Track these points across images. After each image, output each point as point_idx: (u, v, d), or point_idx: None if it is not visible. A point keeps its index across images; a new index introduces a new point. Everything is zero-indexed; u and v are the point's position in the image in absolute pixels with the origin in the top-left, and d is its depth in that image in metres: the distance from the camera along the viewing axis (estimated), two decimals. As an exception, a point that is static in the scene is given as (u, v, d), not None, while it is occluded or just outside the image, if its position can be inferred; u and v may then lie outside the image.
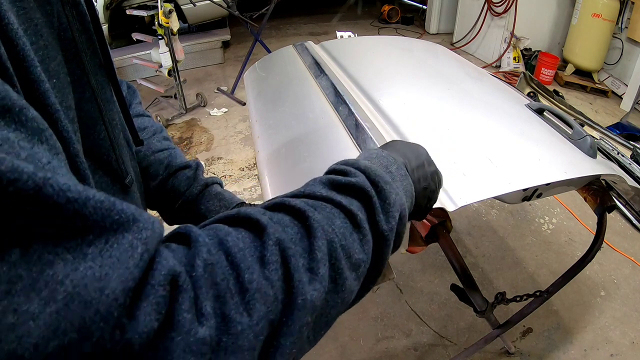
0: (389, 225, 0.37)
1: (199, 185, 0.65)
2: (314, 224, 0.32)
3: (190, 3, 3.64)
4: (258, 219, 0.31)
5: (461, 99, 1.02)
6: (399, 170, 0.43)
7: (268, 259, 0.29)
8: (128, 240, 0.22)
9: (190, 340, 0.23)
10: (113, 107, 0.46)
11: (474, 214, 2.23)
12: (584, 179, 1.05)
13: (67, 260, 0.20)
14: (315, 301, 0.30)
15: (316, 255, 0.31)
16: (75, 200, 0.21)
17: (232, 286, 0.27)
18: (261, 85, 1.30)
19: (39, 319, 0.18)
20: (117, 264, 0.21)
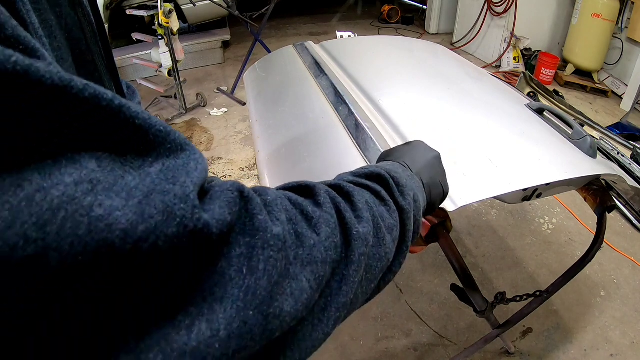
0: (407, 201, 0.42)
1: None
2: (350, 189, 0.37)
3: (190, 3, 3.64)
4: (306, 183, 0.36)
5: (461, 99, 1.02)
6: (405, 172, 0.48)
7: (322, 202, 0.33)
8: (183, 158, 0.24)
9: (268, 237, 0.26)
10: None
11: (474, 214, 2.23)
12: (584, 179, 1.05)
13: (135, 176, 0.22)
14: (367, 236, 0.34)
15: (358, 207, 0.36)
16: (141, 126, 0.23)
17: (298, 215, 0.31)
18: (261, 85, 1.30)
19: (125, 208, 0.20)
20: (180, 171, 0.23)
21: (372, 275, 0.36)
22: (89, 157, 0.20)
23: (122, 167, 0.21)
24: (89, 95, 0.20)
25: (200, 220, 0.22)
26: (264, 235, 0.26)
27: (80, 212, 0.18)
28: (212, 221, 0.23)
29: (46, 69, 0.19)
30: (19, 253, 0.17)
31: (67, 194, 0.18)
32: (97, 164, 0.20)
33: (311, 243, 0.29)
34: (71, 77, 0.20)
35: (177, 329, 0.22)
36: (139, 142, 0.23)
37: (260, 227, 0.26)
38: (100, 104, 0.21)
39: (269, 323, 0.25)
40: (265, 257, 0.25)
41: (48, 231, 0.17)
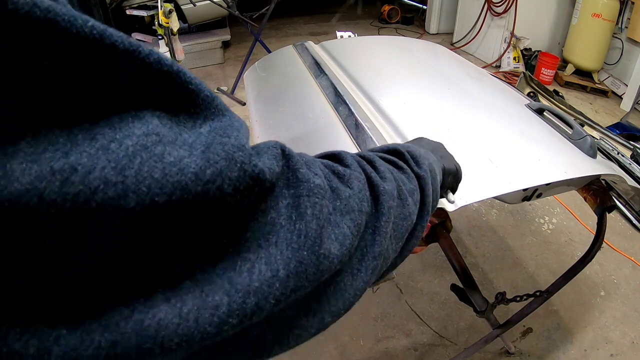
0: (422, 169, 0.44)
1: None
2: (371, 157, 0.40)
3: (190, 3, 3.64)
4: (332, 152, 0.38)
5: (461, 99, 1.02)
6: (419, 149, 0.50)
7: (349, 163, 0.36)
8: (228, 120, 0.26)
9: (311, 186, 0.28)
10: None
11: (474, 214, 2.23)
12: (584, 179, 1.05)
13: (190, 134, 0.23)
14: (392, 192, 0.37)
15: (381, 169, 0.38)
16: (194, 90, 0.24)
17: (331, 174, 0.33)
18: (261, 85, 1.30)
19: (191, 156, 0.21)
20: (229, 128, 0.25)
21: (398, 233, 0.38)
22: (151, 114, 0.22)
23: (178, 127, 0.23)
24: (153, 60, 0.22)
25: (257, 166, 0.24)
26: (308, 185, 0.28)
27: (154, 158, 0.20)
28: (265, 169, 0.25)
29: (118, 34, 0.20)
30: (99, 196, 0.18)
31: (139, 143, 0.20)
32: (158, 121, 0.22)
33: (346, 195, 0.31)
34: (138, 43, 0.22)
35: (239, 272, 0.24)
36: (191, 105, 0.24)
37: (304, 178, 0.28)
38: (162, 69, 0.22)
39: (321, 263, 0.27)
40: (312, 203, 0.27)
41: (127, 174, 0.19)
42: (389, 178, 0.38)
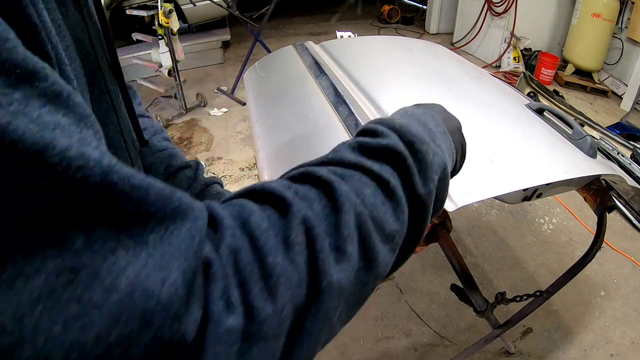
0: (427, 189, 0.34)
1: (199, 185, 0.65)
2: (341, 197, 0.30)
3: (190, 3, 3.64)
4: (284, 196, 0.29)
5: (461, 99, 1.02)
6: (438, 128, 0.40)
7: (293, 240, 0.27)
8: (187, 229, 0.22)
9: (220, 331, 0.23)
10: (121, 107, 0.47)
11: (474, 214, 2.23)
12: (584, 179, 1.05)
13: (129, 246, 0.20)
14: (343, 283, 0.28)
15: (343, 233, 0.29)
16: (139, 187, 0.21)
17: (255, 271, 0.26)
18: (261, 85, 1.30)
19: (102, 307, 0.18)
20: (177, 253, 0.21)
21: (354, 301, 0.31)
22: (77, 232, 0.19)
23: (117, 237, 0.20)
24: (73, 154, 0.18)
25: (177, 332, 0.21)
26: (217, 329, 0.23)
27: (57, 308, 0.17)
28: (189, 328, 0.21)
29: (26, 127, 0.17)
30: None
31: (47, 286, 0.17)
32: (85, 240, 0.19)
33: (262, 317, 0.25)
34: (53, 136, 0.18)
35: None
36: (137, 207, 0.21)
37: (214, 320, 0.23)
38: (87, 165, 0.19)
39: None
40: (215, 352, 0.23)
41: (25, 324, 0.17)
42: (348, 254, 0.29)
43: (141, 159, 0.63)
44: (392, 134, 0.35)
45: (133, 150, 0.50)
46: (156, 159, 0.66)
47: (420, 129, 0.37)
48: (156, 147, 0.67)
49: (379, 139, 0.34)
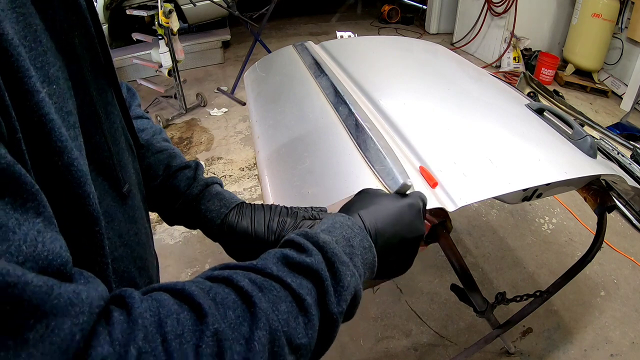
0: (340, 309, 0.37)
1: (199, 185, 0.65)
2: (258, 312, 0.32)
3: (190, 3, 3.64)
4: (201, 304, 0.30)
5: (461, 99, 1.02)
6: (363, 243, 0.43)
7: (203, 351, 0.28)
8: (68, 326, 0.22)
9: None
10: (114, 110, 0.46)
11: (474, 214, 2.23)
12: (584, 179, 1.05)
13: (9, 347, 0.19)
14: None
15: (254, 347, 0.30)
16: (14, 284, 0.20)
17: None
18: (261, 85, 1.30)
19: None
20: (57, 353, 0.21)
21: None
22: None
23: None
24: None
25: None
26: None
27: None
28: None
29: None
30: None
31: None
32: None
33: None
34: None
35: None
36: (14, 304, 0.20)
37: None
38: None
39: None
40: None
41: None
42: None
43: (140, 160, 0.63)
44: (316, 252, 0.38)
45: (128, 153, 0.49)
46: (155, 159, 0.66)
47: (342, 246, 0.41)
48: (155, 148, 0.67)
49: (303, 256, 0.37)
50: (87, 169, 0.32)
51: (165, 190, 0.65)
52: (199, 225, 0.64)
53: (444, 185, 0.71)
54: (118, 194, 0.43)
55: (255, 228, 0.60)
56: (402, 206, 0.51)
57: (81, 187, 0.31)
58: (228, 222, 0.61)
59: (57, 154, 0.29)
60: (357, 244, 0.43)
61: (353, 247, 0.42)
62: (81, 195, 0.31)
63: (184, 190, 0.65)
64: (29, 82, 0.27)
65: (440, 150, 0.79)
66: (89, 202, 0.32)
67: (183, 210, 0.64)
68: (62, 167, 0.29)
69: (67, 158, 0.30)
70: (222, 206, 0.63)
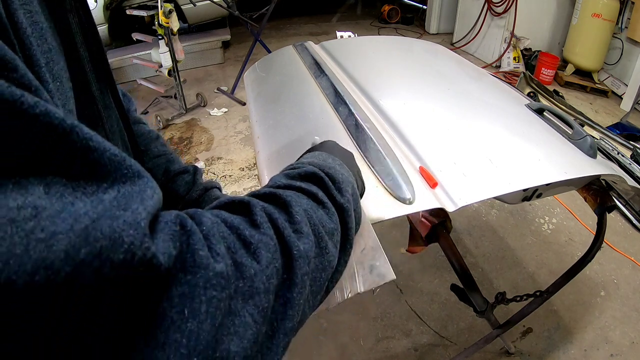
0: (345, 198, 0.42)
1: (198, 190, 0.65)
2: (288, 198, 0.36)
3: (190, 3, 3.64)
4: (241, 199, 0.34)
5: (461, 99, 1.02)
6: (335, 161, 0.48)
7: (259, 222, 0.31)
8: (139, 185, 0.24)
9: (210, 275, 0.24)
10: (112, 113, 0.47)
11: (474, 214, 2.23)
12: (584, 179, 1.05)
13: (86, 202, 0.21)
14: (309, 252, 0.33)
15: (297, 219, 0.34)
16: (95, 149, 0.22)
17: (236, 240, 0.29)
18: (261, 85, 1.30)
19: (69, 232, 0.19)
20: (136, 197, 0.23)
21: (317, 287, 0.35)
22: (37, 182, 0.20)
23: (73, 193, 0.21)
24: (39, 112, 0.19)
25: (149, 249, 0.21)
26: (206, 274, 0.24)
27: (20, 233, 0.18)
28: (160, 254, 0.22)
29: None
30: None
31: (8, 217, 0.18)
32: (44, 190, 0.20)
33: (252, 272, 0.28)
34: (22, 92, 0.19)
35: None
36: (93, 166, 0.22)
37: (202, 264, 0.24)
38: (52, 122, 0.20)
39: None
40: (208, 297, 0.24)
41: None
42: (305, 232, 0.34)
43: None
44: (307, 164, 0.44)
45: None
46: (153, 164, 0.66)
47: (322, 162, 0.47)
48: (153, 153, 0.67)
49: (298, 170, 0.43)
50: None
51: (164, 195, 0.65)
52: None
53: (444, 186, 0.71)
54: None
55: None
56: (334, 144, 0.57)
57: None
58: None
59: None
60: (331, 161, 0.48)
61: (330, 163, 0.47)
62: None
63: (183, 194, 0.64)
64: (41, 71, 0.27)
65: (440, 150, 0.79)
66: None
67: None
68: None
69: None
70: None
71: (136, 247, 0.21)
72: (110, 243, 0.20)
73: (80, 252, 0.19)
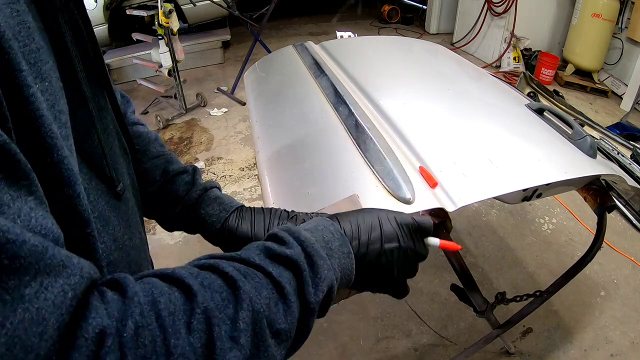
0: (317, 298, 0.40)
1: (197, 190, 0.65)
2: (242, 294, 0.34)
3: (190, 3, 3.64)
4: (191, 285, 0.33)
5: (461, 99, 1.02)
6: (342, 248, 0.45)
7: (194, 327, 0.31)
8: (60, 284, 0.24)
9: None
10: (107, 114, 0.46)
11: (474, 214, 2.23)
12: (584, 179, 1.05)
13: (7, 301, 0.21)
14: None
15: (239, 325, 0.33)
16: (13, 241, 0.22)
17: (158, 348, 0.29)
18: (261, 85, 1.30)
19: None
20: (52, 308, 0.23)
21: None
22: None
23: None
24: None
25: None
26: None
27: None
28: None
29: None
30: None
31: None
32: None
33: None
34: None
35: None
36: (12, 260, 0.22)
37: None
38: None
39: None
40: None
41: None
42: (241, 344, 0.32)
43: (137, 166, 0.63)
44: (296, 245, 0.41)
45: (122, 157, 0.49)
46: (152, 165, 0.65)
47: (321, 245, 0.43)
48: (152, 154, 0.66)
49: (284, 248, 0.40)
50: (77, 169, 0.32)
51: (164, 195, 0.65)
52: (199, 229, 0.64)
53: (443, 186, 0.71)
54: (112, 195, 0.42)
55: (255, 232, 0.60)
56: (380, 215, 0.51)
57: (71, 187, 0.31)
58: (228, 226, 0.61)
59: (46, 151, 0.29)
60: (335, 247, 0.45)
61: (332, 250, 0.44)
62: (71, 195, 0.31)
63: (182, 195, 0.64)
64: (20, 76, 0.27)
65: (440, 150, 0.79)
66: (79, 203, 0.32)
67: (182, 215, 0.64)
68: (52, 164, 0.29)
69: (57, 155, 0.30)
70: (222, 210, 0.63)
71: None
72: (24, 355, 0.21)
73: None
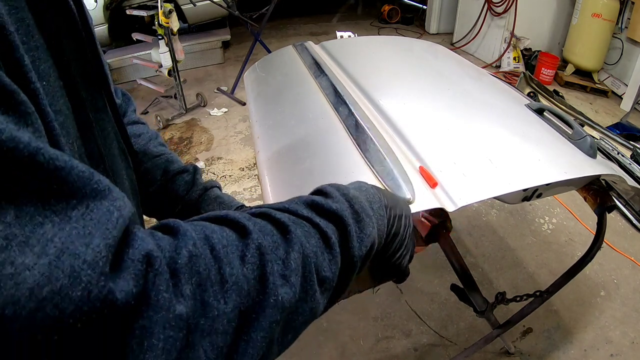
0: (360, 253, 0.40)
1: (198, 189, 0.65)
2: (293, 237, 0.35)
3: (190, 3, 3.64)
4: (244, 224, 0.34)
5: (461, 99, 1.02)
6: (380, 210, 0.46)
7: (248, 259, 0.32)
8: (105, 206, 0.25)
9: (170, 317, 0.26)
10: (105, 116, 0.46)
11: (474, 214, 2.23)
12: (584, 179, 1.05)
13: (55, 221, 0.22)
14: (286, 302, 0.33)
15: (290, 265, 0.34)
16: (62, 168, 0.23)
17: (213, 276, 0.30)
18: (261, 85, 1.30)
19: (34, 268, 0.21)
20: (98, 225, 0.24)
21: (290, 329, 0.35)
22: (7, 207, 0.21)
23: (43, 212, 0.22)
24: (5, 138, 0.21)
25: (105, 287, 0.23)
26: (166, 315, 0.26)
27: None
28: (117, 291, 0.23)
29: None
30: None
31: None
32: (15, 214, 0.21)
33: (215, 314, 0.29)
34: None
35: None
36: (60, 185, 0.23)
37: (164, 305, 0.26)
38: (17, 147, 0.21)
39: None
40: (165, 336, 0.25)
41: None
42: (292, 282, 0.33)
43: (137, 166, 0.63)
44: (343, 200, 0.42)
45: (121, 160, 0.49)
46: (152, 164, 0.65)
47: (367, 204, 0.44)
48: (152, 153, 0.66)
49: (330, 202, 0.41)
50: None
51: (164, 195, 0.65)
52: None
53: (443, 186, 0.71)
54: None
55: None
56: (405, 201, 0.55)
57: None
58: None
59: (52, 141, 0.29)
60: (376, 208, 0.46)
61: (373, 210, 0.45)
62: None
63: (183, 194, 0.64)
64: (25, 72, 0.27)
65: (440, 150, 0.79)
66: None
67: (183, 215, 0.64)
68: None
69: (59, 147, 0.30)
70: (222, 210, 0.63)
71: (93, 285, 0.22)
72: (69, 282, 0.22)
73: (43, 290, 0.21)
